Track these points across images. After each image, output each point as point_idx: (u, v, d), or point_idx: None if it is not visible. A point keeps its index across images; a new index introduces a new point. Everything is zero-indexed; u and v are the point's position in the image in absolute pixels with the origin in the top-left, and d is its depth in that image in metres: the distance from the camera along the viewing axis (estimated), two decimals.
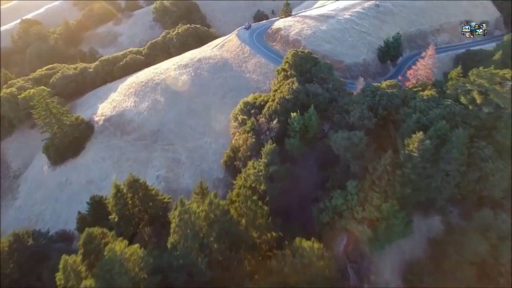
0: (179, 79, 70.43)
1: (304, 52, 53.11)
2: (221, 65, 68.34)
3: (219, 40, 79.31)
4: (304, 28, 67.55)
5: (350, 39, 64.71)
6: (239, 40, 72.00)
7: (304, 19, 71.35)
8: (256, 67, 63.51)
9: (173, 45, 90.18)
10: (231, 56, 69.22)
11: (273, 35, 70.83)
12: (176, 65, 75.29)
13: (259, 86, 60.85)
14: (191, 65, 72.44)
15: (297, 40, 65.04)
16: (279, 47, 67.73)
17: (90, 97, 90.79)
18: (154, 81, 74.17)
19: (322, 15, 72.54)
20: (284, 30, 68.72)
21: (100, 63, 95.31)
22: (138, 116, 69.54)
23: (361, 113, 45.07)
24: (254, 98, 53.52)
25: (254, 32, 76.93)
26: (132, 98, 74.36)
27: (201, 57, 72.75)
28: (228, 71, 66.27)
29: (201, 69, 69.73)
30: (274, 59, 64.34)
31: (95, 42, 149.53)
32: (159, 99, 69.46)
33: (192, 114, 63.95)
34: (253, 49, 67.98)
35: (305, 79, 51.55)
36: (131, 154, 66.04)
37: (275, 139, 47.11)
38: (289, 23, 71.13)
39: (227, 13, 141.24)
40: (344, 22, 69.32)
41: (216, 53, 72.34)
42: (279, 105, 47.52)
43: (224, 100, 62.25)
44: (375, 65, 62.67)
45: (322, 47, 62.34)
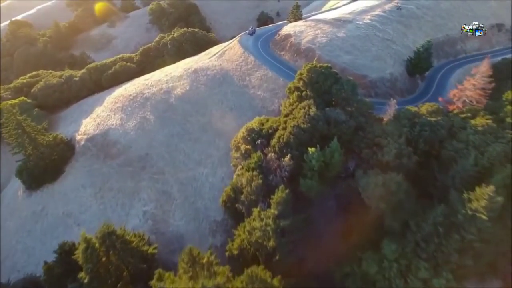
0: (171, 94, 60.61)
1: (323, 65, 43.13)
2: (220, 77, 58.47)
3: (218, 47, 69.41)
4: (318, 34, 57.52)
5: (374, 49, 54.62)
6: (242, 48, 62.08)
7: (317, 24, 61.33)
8: (262, 82, 53.58)
9: (167, 51, 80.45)
10: (232, 67, 59.31)
11: (282, 42, 60.84)
12: (169, 76, 65.49)
13: (265, 105, 50.95)
14: (186, 76, 62.62)
15: (310, 49, 55.03)
16: (288, 57, 57.74)
17: (74, 110, 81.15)
18: (144, 95, 64.42)
19: (338, 19, 62.48)
20: (295, 37, 58.72)
21: (87, 71, 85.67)
22: (124, 137, 59.86)
23: (398, 148, 35.08)
24: (260, 123, 43.61)
25: (259, 38, 66.99)
26: (119, 115, 64.67)
27: (198, 68, 62.89)
28: (229, 86, 56.40)
29: (197, 82, 59.89)
30: (283, 72, 54.39)
31: (87, 46, 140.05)
32: (149, 117, 59.71)
33: (186, 137, 54.17)
34: (258, 59, 58.05)
35: (324, 101, 41.59)
36: (115, 183, 56.35)
37: (287, 178, 37.25)
38: (300, 28, 61.13)
39: (229, 15, 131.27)
40: (365, 28, 59.23)
41: (214, 63, 62.46)
42: (293, 137, 37.59)
43: (223, 121, 52.39)
44: (403, 80, 52.58)
45: (341, 58, 52.32)
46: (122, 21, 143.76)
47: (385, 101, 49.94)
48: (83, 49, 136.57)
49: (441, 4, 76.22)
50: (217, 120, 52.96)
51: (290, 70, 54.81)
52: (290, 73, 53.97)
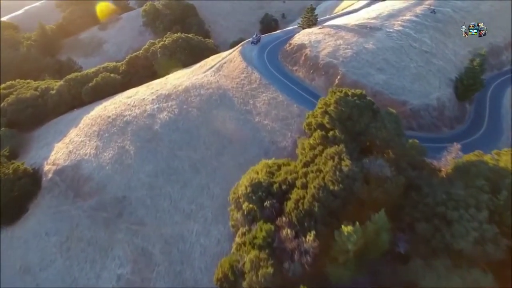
0: (157, 118, 49.01)
1: (356, 93, 31.40)
2: (217, 99, 46.80)
3: (216, 57, 57.68)
4: (340, 45, 45.72)
5: (412, 65, 42.79)
6: (244, 60, 50.36)
7: (337, 32, 49.51)
8: (269, 107, 41.88)
9: (157, 61, 68.91)
10: (232, 85, 47.61)
11: (294, 54, 49.09)
12: (155, 94, 53.88)
13: (274, 140, 39.26)
14: (175, 96, 50.98)
15: (331, 64, 43.28)
16: (303, 74, 45.98)
17: (49, 129, 69.72)
18: (124, 118, 52.85)
19: (363, 25, 50.63)
20: (311, 48, 46.94)
21: (66, 83, 74.19)
22: (98, 172, 48.42)
23: (479, 229, 23.32)
24: (268, 171, 31.90)
25: (264, 48, 55.30)
26: (94, 141, 53.17)
27: (190, 85, 51.22)
28: (228, 110, 44.74)
29: (189, 104, 48.25)
30: (297, 94, 42.72)
31: (76, 50, 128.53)
32: (128, 148, 48.15)
33: (173, 177, 42.60)
34: (264, 76, 46.35)
35: (359, 145, 29.88)
36: (86, 232, 45.01)
37: (310, 265, 25.55)
38: (317, 37, 49.32)
39: (230, 17, 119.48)
40: (398, 37, 47.38)
41: (210, 79, 50.77)
42: (318, 204, 25.88)
43: (220, 159, 40.79)
44: (452, 107, 40.74)
45: (372, 78, 40.55)
46: (114, 23, 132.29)
47: (431, 135, 38.28)
48: (71, 54, 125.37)
49: (481, 6, 64.22)
50: (212, 157, 41.35)
51: (305, 91, 43.13)
52: (306, 96, 42.31)
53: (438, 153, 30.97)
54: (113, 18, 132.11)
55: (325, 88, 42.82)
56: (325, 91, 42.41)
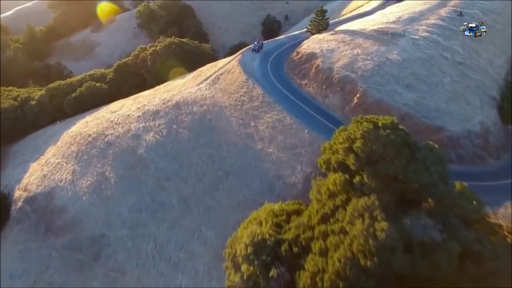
0: (142, 140, 41.92)
1: (386, 122, 24.29)
2: (211, 119, 39.66)
3: (212, 66, 50.52)
4: (358, 55, 38.53)
5: (446, 80, 35.60)
6: (244, 72, 43.21)
7: (353, 39, 42.31)
8: (275, 132, 34.73)
9: (147, 69, 61.88)
10: (229, 102, 40.48)
11: (302, 65, 41.93)
12: (141, 110, 46.77)
13: (280, 174, 32.09)
14: (163, 113, 43.86)
15: (348, 79, 36.11)
16: (314, 90, 38.78)
17: (28, 144, 62.77)
18: (106, 138, 45.78)
19: (383, 31, 43.43)
20: (323, 59, 39.74)
21: (47, 93, 67.18)
22: (74, 203, 41.44)
23: None
24: (274, 225, 24.81)
25: (267, 57, 48.17)
26: (71, 165, 46.16)
27: (181, 100, 44.08)
28: (224, 133, 37.60)
29: (179, 124, 41.12)
30: (309, 116, 35.54)
31: (67, 54, 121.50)
32: (109, 176, 41.09)
33: (158, 215, 35.52)
34: (268, 92, 39.20)
35: (394, 194, 22.74)
36: (57, 276, 38.10)
37: None
38: (329, 44, 42.13)
39: (229, 19, 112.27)
40: (425, 45, 40.19)
41: (205, 93, 43.64)
42: (345, 284, 18.77)
43: (214, 195, 33.66)
44: (498, 132, 33.50)
45: (399, 97, 33.37)
46: (107, 25, 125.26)
47: (474, 169, 31.16)
48: (61, 58, 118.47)
49: None
50: (205, 192, 34.21)
51: (318, 112, 35.95)
52: (318, 117, 35.15)
53: (487, 195, 23.93)
54: (106, 20, 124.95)
55: (340, 108, 35.76)
56: (341, 111, 35.38)
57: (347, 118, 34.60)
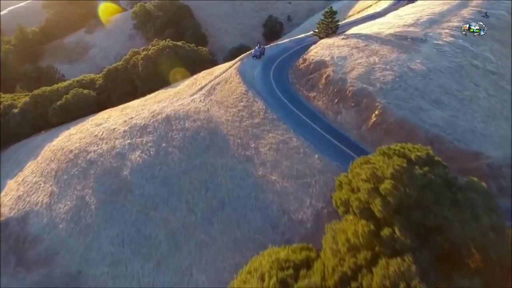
0: (126, 160, 36.79)
1: (421, 156, 19.16)
2: (206, 137, 34.47)
3: (208, 74, 45.30)
4: (375, 64, 33.31)
5: (481, 94, 30.35)
6: (244, 82, 38.04)
7: (368, 44, 37.07)
8: (279, 156, 29.54)
9: (138, 75, 56.80)
10: (226, 117, 35.30)
11: (310, 74, 36.71)
12: (128, 123, 41.63)
13: (286, 208, 26.92)
14: (152, 128, 38.70)
15: (364, 92, 30.89)
16: (324, 104, 33.53)
17: (10, 156, 57.69)
18: (88, 155, 40.66)
19: (402, 35, 38.16)
20: (334, 67, 34.50)
21: (32, 100, 62.13)
22: (49, 232, 36.38)
23: None
24: (280, 281, 19.67)
25: (270, 63, 42.95)
26: (50, 185, 41.10)
27: (172, 114, 38.89)
28: (220, 155, 32.43)
29: (169, 142, 35.96)
30: (319, 136, 30.34)
31: (60, 56, 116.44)
32: (89, 201, 35.97)
33: (143, 249, 30.42)
34: (271, 106, 34.02)
35: (433, 251, 17.60)
36: None
37: None
38: (340, 50, 36.89)
39: (229, 20, 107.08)
40: (452, 53, 34.95)
41: (199, 105, 38.47)
42: None
43: (208, 230, 28.50)
44: None
45: (427, 116, 28.15)
46: (102, 26, 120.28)
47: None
48: (54, 60, 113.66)
49: None
50: (198, 225, 29.06)
51: (329, 131, 30.72)
52: (330, 139, 29.96)
53: None
54: (100, 20, 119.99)
55: (356, 127, 30.56)
56: (357, 130, 30.16)
57: (364, 140, 29.52)
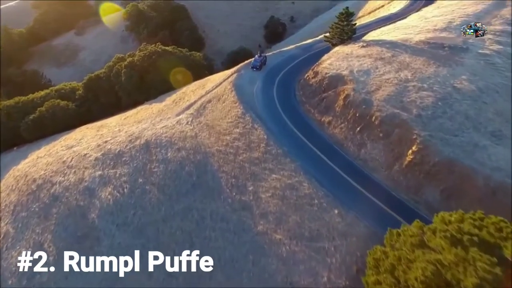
0: (95, 199, 29.58)
1: None
2: (192, 173, 27.23)
3: (198, 89, 37.98)
4: (408, 81, 26.00)
5: None
6: (240, 102, 30.75)
7: (394, 54, 29.76)
8: (285, 207, 22.26)
9: (121, 85, 49.64)
10: (218, 147, 28.04)
11: (323, 92, 29.41)
12: (102, 148, 34.42)
13: (294, 281, 19.63)
14: (128, 157, 31.51)
15: (396, 120, 23.59)
16: (343, 133, 26.17)
17: None
18: (53, 189, 33.38)
19: (436, 42, 30.76)
20: (354, 84, 27.18)
21: (4, 112, 55.04)
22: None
23: None
24: None
25: (272, 76, 35.64)
26: (5, 223, 33.79)
27: (153, 139, 31.69)
28: (208, 200, 25.18)
29: (147, 178, 28.75)
30: (339, 179, 23.05)
31: (48, 59, 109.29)
32: (48, 250, 28.63)
33: None
34: (274, 135, 26.69)
35: None
36: None
37: None
38: (361, 62, 29.58)
39: (228, 21, 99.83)
40: (504, 65, 27.63)
41: (185, 129, 31.24)
42: None
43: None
44: None
45: (484, 156, 20.84)
46: (93, 27, 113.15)
47: None
48: (42, 63, 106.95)
49: None
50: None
51: (351, 171, 23.41)
52: (353, 183, 22.64)
53: None
54: (91, 21, 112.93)
55: (386, 166, 23.28)
56: (387, 171, 22.91)
57: (397, 184, 22.25)
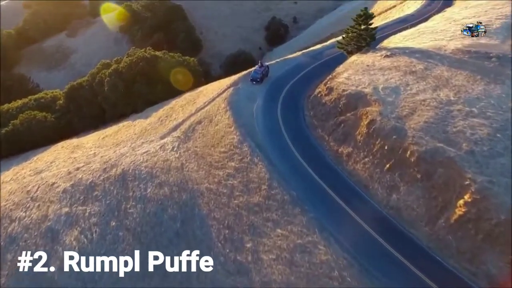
0: (58, 244, 23.80)
1: None
2: (174, 216, 21.50)
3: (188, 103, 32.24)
4: (450, 103, 20.28)
5: None
6: (237, 126, 24.94)
7: (427, 65, 24.04)
8: (295, 277, 16.54)
9: (103, 96, 43.92)
10: (208, 184, 22.31)
11: (340, 114, 23.64)
12: (72, 177, 28.76)
13: None
14: (101, 191, 25.78)
15: (439, 156, 17.91)
16: (366, 169, 20.44)
17: None
18: (10, 227, 27.52)
19: (479, 51, 25.07)
20: (381, 106, 21.45)
21: None
22: None
23: None
24: None
25: (276, 91, 29.83)
26: None
27: (130, 169, 26.00)
28: (195, 253, 19.51)
29: (121, 221, 23.09)
30: (365, 237, 17.37)
31: (37, 62, 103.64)
32: None
33: None
34: (280, 173, 20.83)
35: None
36: None
37: None
38: (386, 76, 23.84)
39: (228, 22, 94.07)
40: None
41: (169, 157, 25.56)
42: None
43: None
44: None
45: None
46: (86, 29, 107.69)
47: None
48: (31, 66, 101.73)
49: None
50: None
51: (382, 228, 17.72)
52: (385, 245, 16.94)
53: None
54: (84, 22, 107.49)
55: (427, 219, 17.53)
56: (428, 227, 17.42)
57: (444, 247, 16.50)
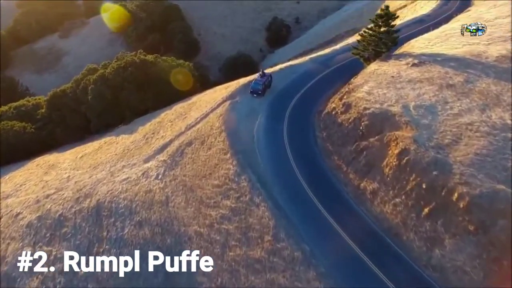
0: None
1: None
2: (157, 266, 17.19)
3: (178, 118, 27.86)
4: (506, 128, 15.91)
5: None
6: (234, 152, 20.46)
7: (468, 77, 19.67)
8: None
9: (88, 106, 39.51)
10: (198, 226, 17.84)
11: (361, 138, 19.07)
12: (40, 207, 24.22)
13: None
14: (71, 229, 21.28)
15: (499, 204, 13.52)
16: (397, 213, 16.03)
17: None
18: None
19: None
20: (414, 130, 17.01)
21: None
22: None
23: None
24: None
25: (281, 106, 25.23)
26: None
27: (106, 201, 21.65)
28: None
29: (91, 265, 18.82)
30: None
31: (29, 64, 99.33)
32: None
33: None
34: (287, 219, 16.31)
35: None
36: None
37: None
38: (417, 90, 19.38)
39: (227, 23, 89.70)
40: None
41: (153, 187, 21.18)
42: None
43: None
44: None
45: None
46: (79, 29, 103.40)
47: None
48: (22, 68, 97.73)
49: None
50: None
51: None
52: None
53: None
54: (78, 22, 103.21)
55: (483, 284, 13.17)
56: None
57: None
